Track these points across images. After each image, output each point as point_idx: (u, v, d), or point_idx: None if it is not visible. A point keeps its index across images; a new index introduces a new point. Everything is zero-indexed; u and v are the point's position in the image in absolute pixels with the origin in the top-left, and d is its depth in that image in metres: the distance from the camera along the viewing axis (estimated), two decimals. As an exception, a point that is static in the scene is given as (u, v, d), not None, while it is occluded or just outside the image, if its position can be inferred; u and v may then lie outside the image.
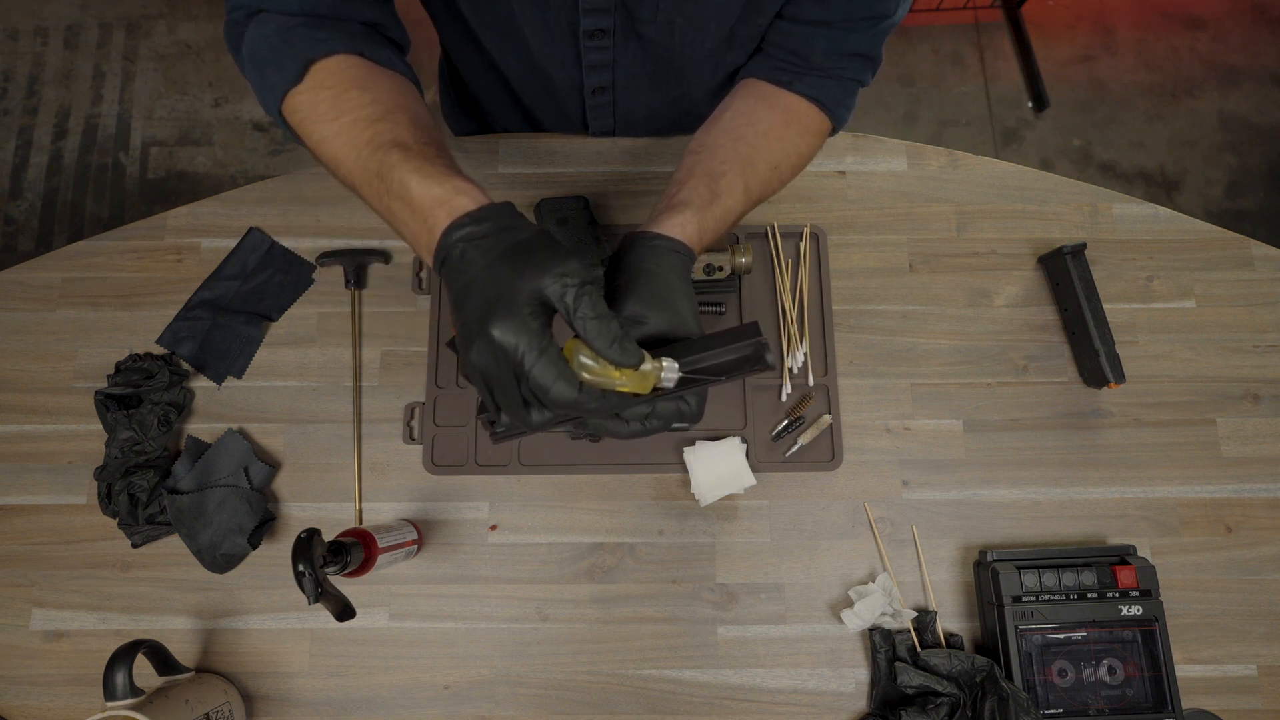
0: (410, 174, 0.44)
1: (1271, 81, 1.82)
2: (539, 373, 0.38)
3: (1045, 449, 0.74)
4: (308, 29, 0.51)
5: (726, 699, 0.69)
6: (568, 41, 0.63)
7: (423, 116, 0.51)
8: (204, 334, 0.76)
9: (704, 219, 0.53)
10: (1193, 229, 0.80)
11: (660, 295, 0.47)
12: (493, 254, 0.40)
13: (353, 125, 0.48)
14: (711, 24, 0.60)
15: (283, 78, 0.51)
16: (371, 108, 0.48)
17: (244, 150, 1.77)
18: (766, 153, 0.59)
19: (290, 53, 0.50)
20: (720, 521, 0.73)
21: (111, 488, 0.71)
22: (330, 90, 0.50)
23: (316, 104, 0.50)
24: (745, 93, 0.63)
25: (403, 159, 0.44)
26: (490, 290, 0.39)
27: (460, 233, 0.42)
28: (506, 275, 0.39)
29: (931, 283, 0.79)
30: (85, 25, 1.86)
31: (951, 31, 1.86)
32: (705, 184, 0.54)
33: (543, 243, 0.41)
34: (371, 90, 0.50)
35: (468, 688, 0.69)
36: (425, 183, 0.43)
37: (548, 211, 0.76)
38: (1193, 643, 0.70)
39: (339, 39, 0.52)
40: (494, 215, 0.42)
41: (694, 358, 0.44)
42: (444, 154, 0.47)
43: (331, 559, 0.56)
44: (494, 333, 0.38)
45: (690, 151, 0.59)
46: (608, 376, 0.40)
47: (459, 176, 0.44)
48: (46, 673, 0.70)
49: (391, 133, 0.46)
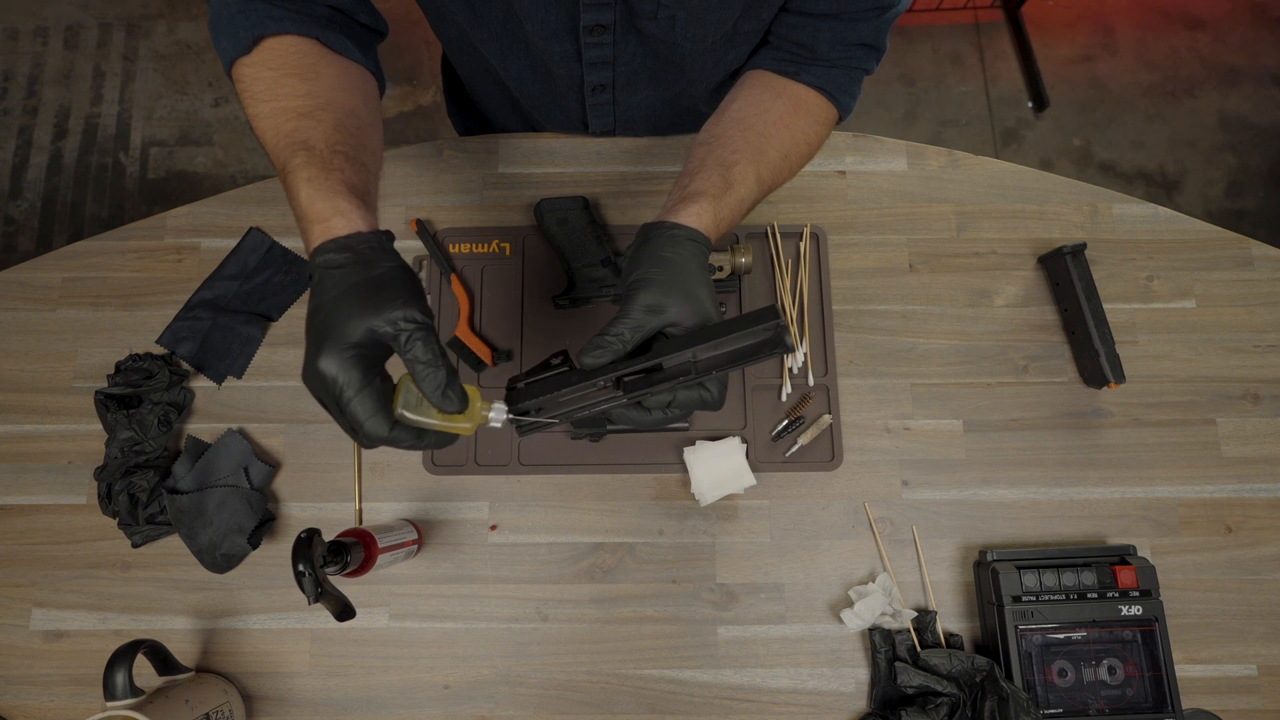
0: (303, 183, 0.45)
1: (1271, 81, 1.82)
2: (353, 410, 0.41)
3: (1045, 449, 0.74)
4: (267, 4, 0.52)
5: (726, 699, 0.69)
6: (568, 38, 0.63)
7: (351, 118, 0.51)
8: (204, 334, 0.76)
9: (719, 208, 0.53)
10: (1193, 229, 0.80)
11: (680, 284, 0.48)
12: (341, 286, 0.42)
13: (279, 113, 0.49)
14: (714, 18, 0.60)
15: (233, 45, 0.52)
16: (301, 100, 0.49)
17: (244, 150, 1.77)
18: (776, 141, 0.59)
19: (244, 23, 0.51)
20: (720, 521, 0.73)
21: (111, 488, 0.71)
22: (271, 72, 0.51)
23: (256, 82, 0.51)
24: (752, 83, 0.63)
25: (304, 163, 0.45)
26: (329, 322, 0.41)
27: (322, 258, 0.43)
28: (346, 311, 0.41)
29: (931, 283, 0.79)
30: (85, 25, 1.86)
31: (951, 31, 1.86)
32: (718, 173, 0.55)
33: (392, 282, 0.42)
34: (310, 80, 0.51)
35: (468, 688, 0.69)
36: (312, 195, 0.44)
37: (548, 211, 0.76)
38: (1193, 643, 0.70)
39: (295, 20, 0.53)
40: (356, 245, 0.43)
41: (712, 344, 0.45)
42: (350, 164, 0.47)
43: (331, 559, 0.56)
44: (320, 364, 0.41)
45: (700, 143, 0.59)
46: (427, 417, 0.42)
47: (345, 195, 0.45)
48: (46, 673, 0.70)
49: (307, 132, 0.47)
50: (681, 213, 0.52)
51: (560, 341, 0.76)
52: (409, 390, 0.43)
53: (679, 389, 0.46)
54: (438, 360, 0.42)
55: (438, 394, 0.42)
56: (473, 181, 0.81)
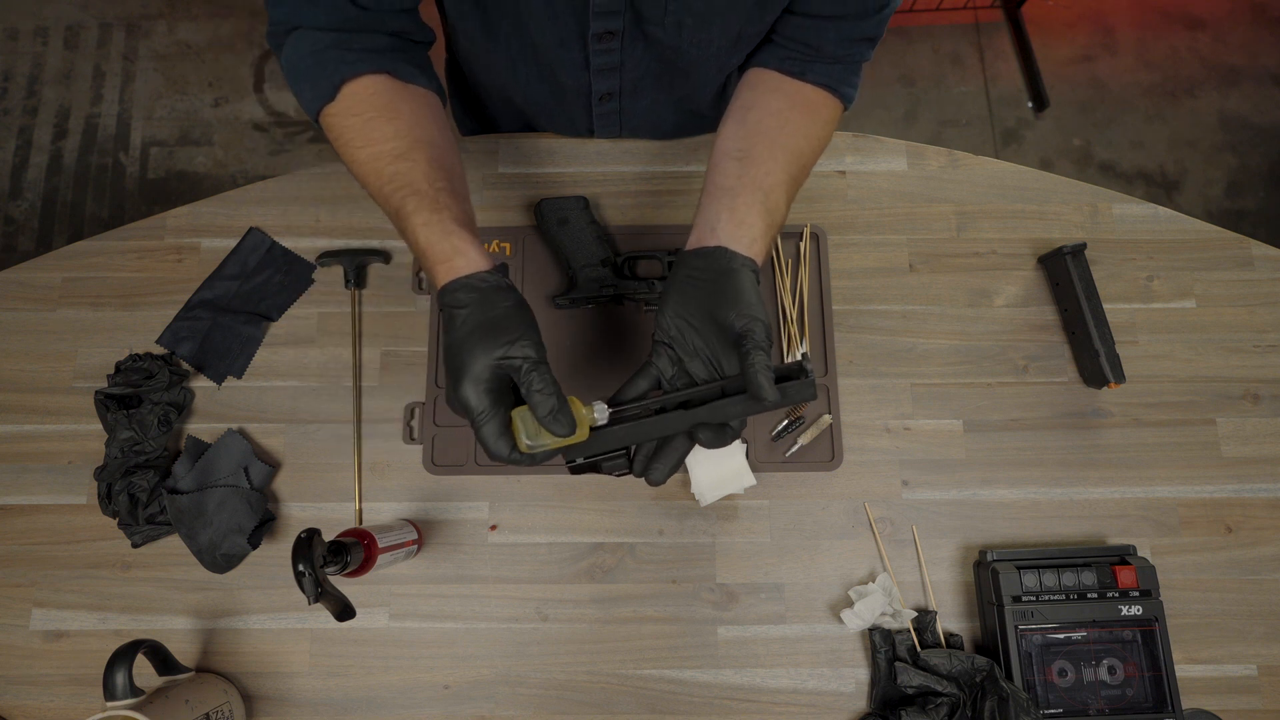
0: (420, 227, 0.51)
1: (1271, 81, 1.82)
2: (483, 433, 0.48)
3: (1045, 449, 0.74)
4: (338, 50, 0.56)
5: (726, 699, 0.69)
6: (576, 45, 0.64)
7: (438, 149, 0.56)
8: (204, 334, 0.76)
9: (768, 244, 0.58)
10: (1193, 229, 0.80)
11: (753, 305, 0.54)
12: (468, 326, 0.49)
13: (377, 158, 0.54)
14: (721, 23, 0.60)
15: (317, 95, 0.57)
16: (394, 142, 0.54)
17: (244, 150, 1.77)
18: (799, 155, 0.61)
19: (323, 73, 0.56)
20: (720, 521, 0.73)
21: (111, 488, 0.71)
22: (358, 118, 0.56)
23: (346, 130, 0.56)
24: (764, 87, 0.63)
25: (416, 208, 0.52)
26: (461, 358, 0.49)
27: (449, 297, 0.50)
28: (475, 347, 0.49)
29: (931, 283, 0.79)
30: (85, 25, 1.86)
31: (951, 31, 1.86)
32: (759, 200, 0.57)
33: (508, 321, 0.49)
34: (394, 120, 0.55)
35: (468, 688, 0.69)
36: (430, 237, 0.51)
37: (548, 211, 0.76)
38: (1193, 643, 0.70)
39: (367, 59, 0.57)
40: (478, 285, 0.50)
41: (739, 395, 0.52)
42: (454, 199, 0.53)
43: (331, 559, 0.56)
44: (460, 393, 0.49)
45: (729, 156, 0.59)
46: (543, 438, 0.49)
47: (458, 233, 0.51)
48: (46, 673, 0.70)
49: (408, 175, 0.53)
50: (750, 245, 0.55)
51: (560, 341, 0.76)
52: (525, 418, 0.49)
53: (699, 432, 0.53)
54: (548, 390, 0.48)
55: (549, 419, 0.48)
56: (473, 181, 0.81)
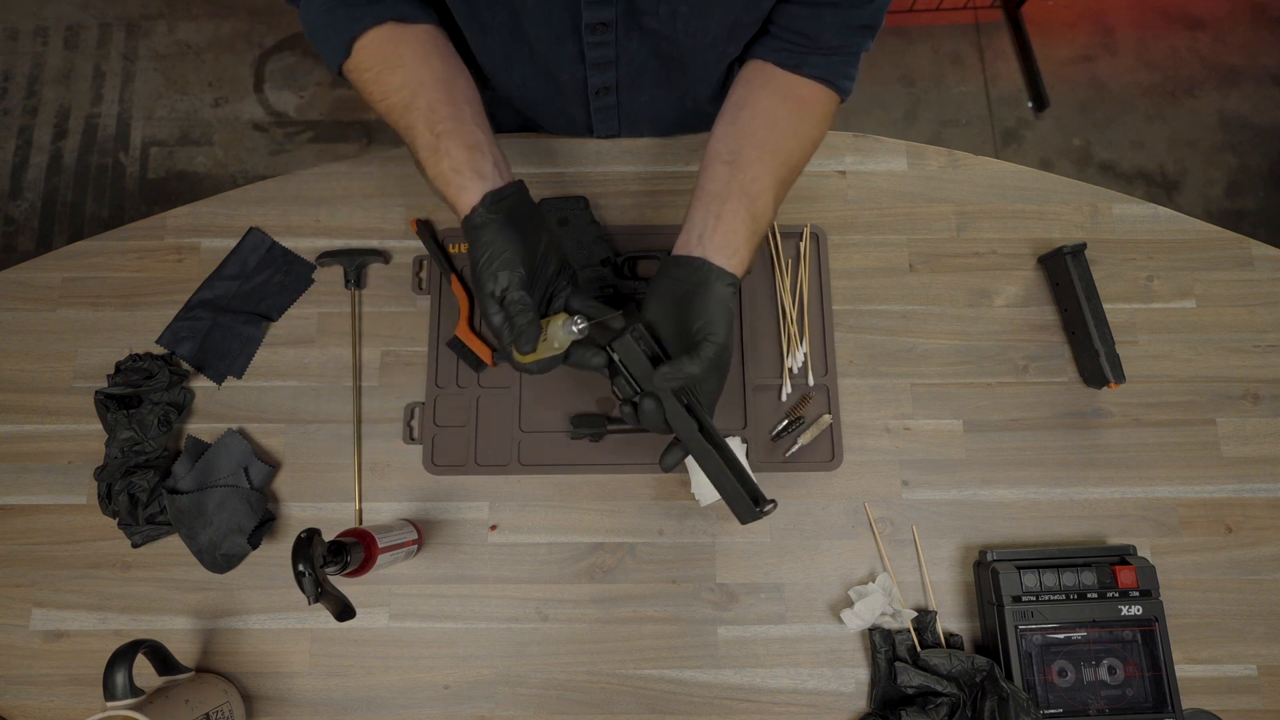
0: (434, 177, 0.57)
1: (1271, 81, 1.82)
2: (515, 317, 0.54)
3: (1045, 449, 0.74)
4: (345, 6, 0.60)
5: (726, 699, 0.69)
6: (571, 39, 0.64)
7: (442, 82, 0.59)
8: (204, 334, 0.76)
9: (752, 254, 0.60)
10: (1193, 229, 0.80)
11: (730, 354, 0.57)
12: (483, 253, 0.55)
13: (390, 111, 0.59)
14: (717, 12, 0.60)
15: (333, 54, 0.61)
16: (400, 94, 0.58)
17: (244, 150, 1.77)
18: (788, 158, 0.62)
19: (335, 32, 0.60)
20: (720, 521, 0.73)
21: (111, 488, 0.71)
22: (370, 73, 0.60)
23: (364, 85, 0.61)
24: (758, 82, 0.64)
25: (427, 159, 0.57)
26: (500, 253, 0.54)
27: (467, 233, 0.56)
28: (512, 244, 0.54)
29: (931, 283, 0.79)
30: (85, 25, 1.86)
31: (951, 31, 1.86)
32: (744, 206, 0.59)
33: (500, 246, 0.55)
34: (400, 69, 0.59)
35: (468, 688, 0.69)
36: (440, 185, 0.57)
37: (548, 211, 0.76)
38: (1193, 643, 0.70)
39: (372, 11, 0.60)
40: (477, 222, 0.55)
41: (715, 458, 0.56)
42: (457, 137, 0.56)
43: (331, 559, 0.56)
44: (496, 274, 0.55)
45: (719, 159, 0.60)
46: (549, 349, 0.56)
47: (462, 171, 0.55)
48: (46, 673, 0.70)
49: (415, 126, 0.57)
50: (731, 259, 0.57)
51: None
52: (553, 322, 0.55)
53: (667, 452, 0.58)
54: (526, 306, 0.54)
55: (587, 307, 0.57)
56: (473, 181, 0.81)
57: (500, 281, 0.54)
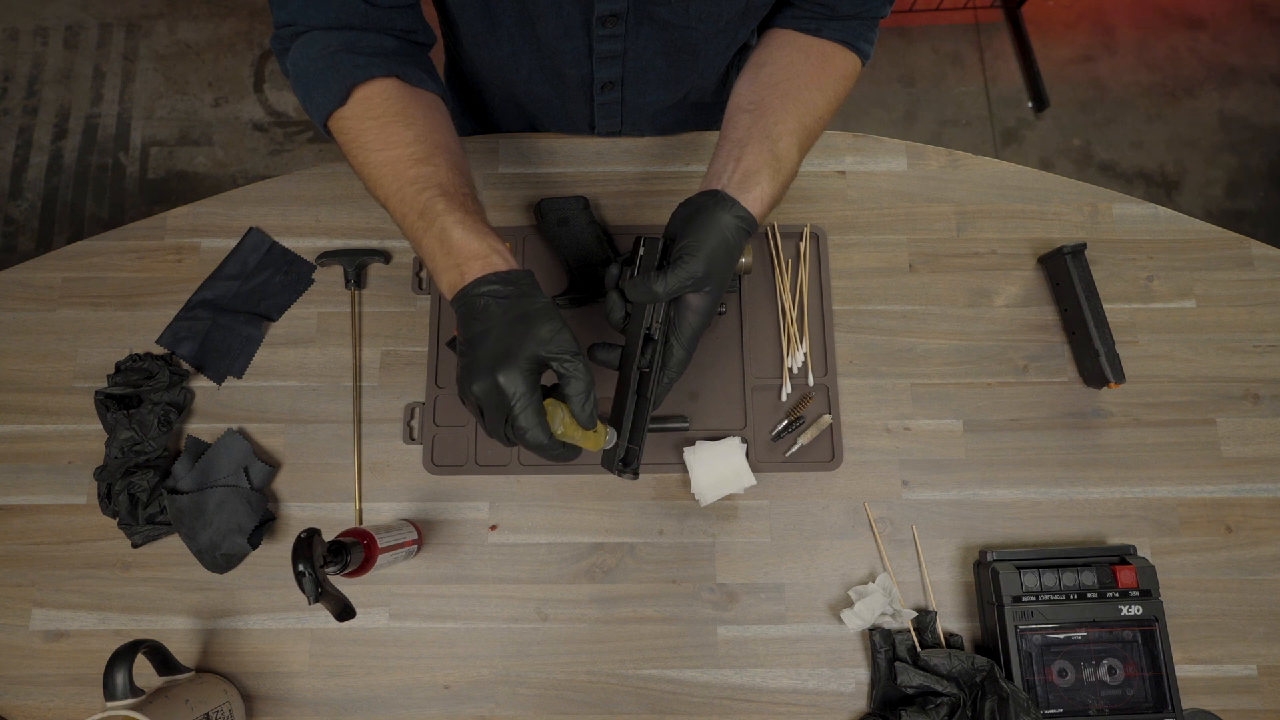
0: (454, 225, 0.52)
1: (1271, 81, 1.82)
2: (524, 419, 0.48)
3: (1045, 449, 0.74)
4: (349, 54, 0.57)
5: (726, 699, 0.69)
6: (580, 33, 0.64)
7: (456, 153, 0.58)
8: (204, 334, 0.76)
9: (775, 189, 0.57)
10: (1193, 229, 0.80)
11: (722, 278, 0.55)
12: (511, 314, 0.50)
13: (397, 161, 0.55)
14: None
15: (327, 99, 0.57)
16: (415, 146, 0.55)
17: (244, 150, 1.77)
18: (812, 106, 0.61)
19: (334, 77, 0.56)
20: (720, 521, 0.73)
21: (111, 488, 0.71)
22: (375, 121, 0.56)
23: (363, 133, 0.56)
24: (779, 43, 0.64)
25: (447, 208, 0.52)
26: (504, 343, 0.49)
27: (488, 287, 0.50)
28: (519, 334, 0.49)
29: (931, 283, 0.79)
30: (85, 25, 1.86)
31: (951, 31, 1.86)
32: (767, 148, 0.57)
33: (549, 314, 0.50)
34: (413, 125, 0.56)
35: (468, 688, 0.69)
36: (466, 235, 0.52)
37: (548, 211, 0.76)
38: (1193, 643, 0.70)
39: (378, 63, 0.57)
40: (517, 281, 0.51)
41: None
42: (477, 204, 0.55)
43: (331, 559, 0.56)
44: (499, 377, 0.48)
45: (741, 109, 0.60)
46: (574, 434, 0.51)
47: (492, 235, 0.53)
48: (46, 673, 0.70)
49: (435, 177, 0.54)
50: (747, 194, 0.55)
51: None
52: (558, 411, 0.50)
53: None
54: (592, 385, 0.50)
55: (585, 414, 0.50)
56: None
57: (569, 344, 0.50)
